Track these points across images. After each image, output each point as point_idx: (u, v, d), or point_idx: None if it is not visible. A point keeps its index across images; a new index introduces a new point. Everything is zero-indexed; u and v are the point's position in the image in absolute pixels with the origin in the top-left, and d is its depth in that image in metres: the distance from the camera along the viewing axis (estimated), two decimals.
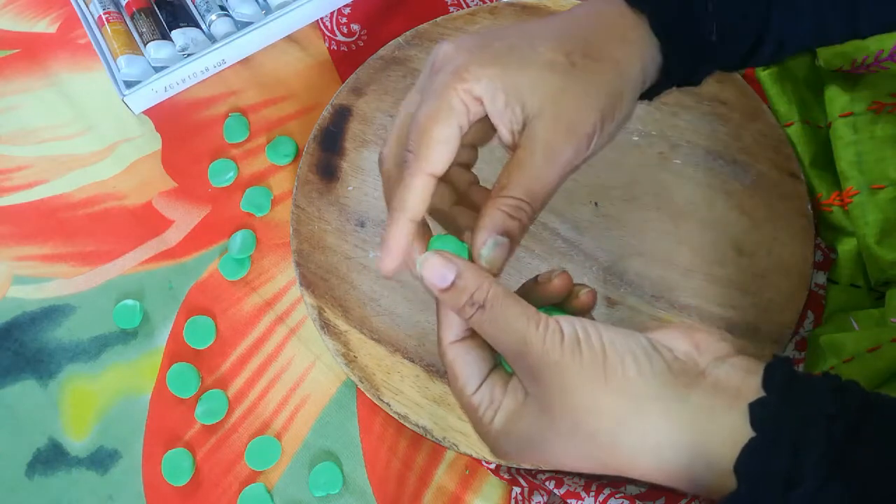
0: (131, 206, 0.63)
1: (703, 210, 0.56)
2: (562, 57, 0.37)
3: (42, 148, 0.67)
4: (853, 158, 0.52)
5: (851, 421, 0.31)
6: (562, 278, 0.38)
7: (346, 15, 0.68)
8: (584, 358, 0.34)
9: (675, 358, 0.35)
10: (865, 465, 0.31)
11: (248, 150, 0.65)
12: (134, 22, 0.66)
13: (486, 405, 0.36)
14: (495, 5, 0.65)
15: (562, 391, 0.34)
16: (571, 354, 0.34)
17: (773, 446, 0.32)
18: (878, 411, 0.32)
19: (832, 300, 0.54)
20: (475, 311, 0.35)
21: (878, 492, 0.31)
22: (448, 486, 0.52)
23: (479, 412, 0.36)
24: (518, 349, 0.34)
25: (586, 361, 0.34)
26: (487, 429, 0.36)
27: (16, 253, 0.63)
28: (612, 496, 0.48)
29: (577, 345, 0.34)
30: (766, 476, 0.32)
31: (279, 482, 0.54)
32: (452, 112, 0.37)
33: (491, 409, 0.36)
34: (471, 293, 0.35)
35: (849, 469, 0.31)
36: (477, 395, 0.36)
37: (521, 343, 0.34)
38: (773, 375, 0.33)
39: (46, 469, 0.55)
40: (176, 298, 0.60)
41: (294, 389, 0.56)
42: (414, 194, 0.37)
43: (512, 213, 0.37)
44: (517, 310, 0.35)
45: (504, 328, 0.35)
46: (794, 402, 0.32)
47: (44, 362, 0.59)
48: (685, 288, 0.54)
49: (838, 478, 0.31)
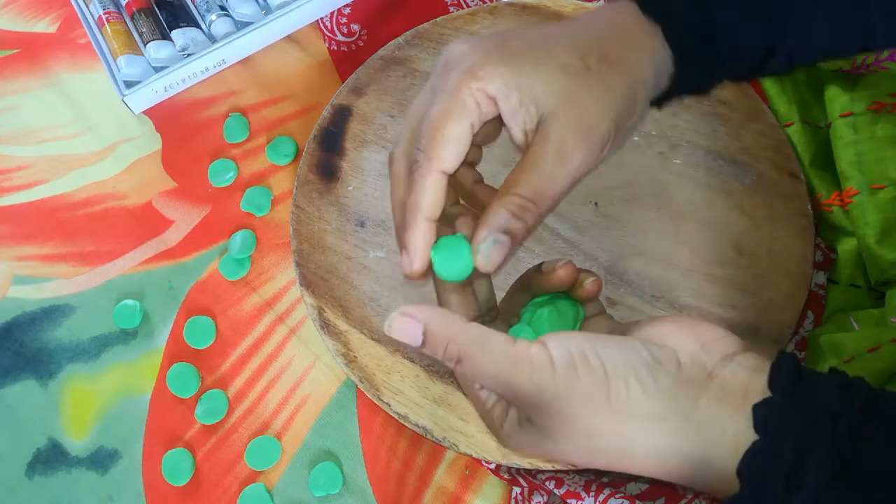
0: (131, 206, 0.64)
1: (703, 210, 0.56)
2: (577, 60, 0.37)
3: (42, 148, 0.67)
4: (853, 158, 0.52)
5: (856, 419, 0.31)
6: (566, 269, 0.38)
7: (346, 15, 0.68)
8: (582, 383, 0.33)
9: (680, 366, 0.34)
10: (870, 464, 0.31)
11: (248, 150, 0.65)
12: (134, 22, 0.66)
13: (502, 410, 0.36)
14: (495, 5, 0.65)
15: (563, 419, 0.33)
16: (567, 382, 0.33)
17: (775, 448, 0.32)
18: (883, 408, 0.32)
19: (832, 300, 0.54)
20: (454, 364, 0.35)
21: (883, 491, 0.30)
22: (448, 486, 0.52)
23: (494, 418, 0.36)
24: (508, 390, 0.34)
25: (586, 386, 0.33)
26: (497, 426, 0.36)
27: (16, 253, 0.63)
28: (612, 496, 0.48)
29: (573, 370, 0.33)
30: (768, 478, 0.31)
31: (279, 482, 0.54)
32: (465, 110, 0.36)
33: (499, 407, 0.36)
34: (443, 349, 0.34)
35: (853, 469, 0.31)
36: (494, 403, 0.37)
37: (509, 385, 0.34)
38: (779, 374, 0.33)
39: (46, 469, 0.55)
40: (176, 298, 0.60)
41: (294, 389, 0.56)
42: (428, 194, 0.37)
43: (517, 212, 0.36)
44: (495, 353, 0.34)
45: (487, 375, 0.34)
46: (798, 401, 0.32)
47: (44, 362, 0.59)
48: (685, 288, 0.54)
49: (842, 479, 0.30)
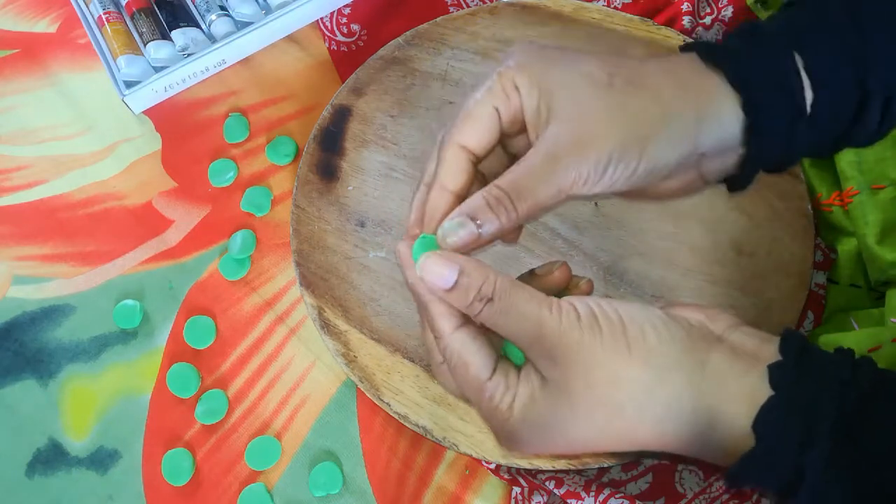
0: (131, 206, 0.64)
1: (703, 210, 0.56)
2: (604, 74, 0.36)
3: (42, 148, 0.67)
4: (853, 158, 0.52)
5: (865, 387, 0.32)
6: (562, 270, 0.39)
7: (346, 15, 0.68)
8: (604, 332, 0.34)
9: (692, 325, 0.35)
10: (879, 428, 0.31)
11: (248, 150, 0.65)
12: (134, 22, 0.66)
13: (503, 391, 0.35)
14: (495, 5, 0.65)
15: (585, 368, 0.34)
16: (591, 331, 0.34)
17: (792, 406, 0.32)
18: (890, 381, 0.33)
19: (832, 300, 0.54)
20: (484, 305, 0.35)
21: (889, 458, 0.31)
22: (448, 486, 0.52)
23: (496, 399, 0.35)
24: (534, 334, 0.34)
25: (607, 335, 0.34)
26: (505, 416, 0.36)
27: (16, 253, 0.63)
28: (612, 496, 0.48)
29: (594, 320, 0.34)
30: (783, 435, 0.32)
31: (279, 482, 0.54)
32: (491, 94, 0.37)
33: (508, 394, 0.35)
34: (478, 287, 0.34)
35: (863, 432, 0.31)
36: (492, 381, 0.36)
37: (537, 327, 0.34)
38: (790, 344, 0.34)
39: (46, 469, 0.55)
40: (176, 298, 0.60)
41: (294, 389, 0.56)
42: (445, 164, 0.37)
43: (491, 202, 0.35)
44: (527, 295, 0.35)
45: (517, 316, 0.34)
46: (809, 367, 0.33)
47: (44, 362, 0.59)
48: (685, 288, 0.54)
49: (852, 440, 0.31)
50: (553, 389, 0.35)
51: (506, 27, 0.64)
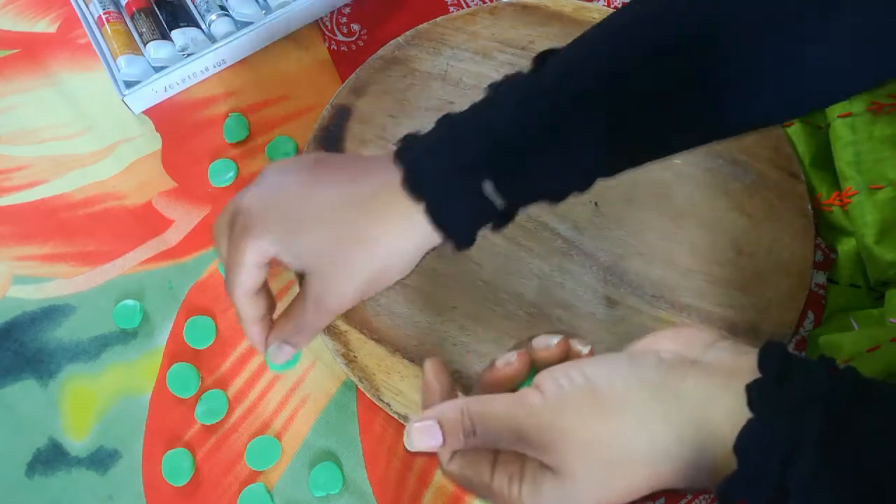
0: (131, 205, 0.64)
1: (703, 210, 0.56)
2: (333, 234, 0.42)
3: (42, 148, 0.67)
4: (852, 158, 0.52)
5: (847, 400, 0.32)
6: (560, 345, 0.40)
7: (346, 15, 0.68)
8: (570, 399, 0.35)
9: (661, 360, 0.36)
10: (860, 443, 0.32)
11: (248, 150, 0.65)
12: (134, 22, 0.67)
13: (507, 483, 0.37)
14: (495, 5, 0.65)
15: (565, 438, 0.35)
16: (558, 403, 0.35)
17: (771, 426, 0.33)
18: (872, 391, 0.33)
19: (832, 300, 0.54)
20: (470, 437, 0.37)
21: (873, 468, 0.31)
22: (448, 486, 0.52)
23: (505, 493, 0.37)
24: (517, 436, 0.36)
25: (574, 400, 0.35)
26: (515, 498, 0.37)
27: (16, 253, 0.63)
28: None
29: (561, 391, 0.36)
30: (764, 455, 0.32)
31: (279, 482, 0.54)
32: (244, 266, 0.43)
33: (514, 483, 0.37)
34: (462, 429, 0.37)
35: (844, 448, 0.32)
36: (496, 480, 0.37)
37: (517, 430, 0.36)
38: (768, 357, 0.34)
39: (46, 469, 0.55)
40: (176, 298, 0.60)
41: (294, 389, 0.56)
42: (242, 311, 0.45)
43: (287, 338, 0.45)
44: (497, 407, 0.37)
45: (497, 431, 0.36)
46: (789, 382, 0.33)
47: (44, 362, 0.59)
48: (685, 288, 0.54)
49: (834, 457, 0.31)
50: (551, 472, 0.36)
51: (506, 27, 0.64)
